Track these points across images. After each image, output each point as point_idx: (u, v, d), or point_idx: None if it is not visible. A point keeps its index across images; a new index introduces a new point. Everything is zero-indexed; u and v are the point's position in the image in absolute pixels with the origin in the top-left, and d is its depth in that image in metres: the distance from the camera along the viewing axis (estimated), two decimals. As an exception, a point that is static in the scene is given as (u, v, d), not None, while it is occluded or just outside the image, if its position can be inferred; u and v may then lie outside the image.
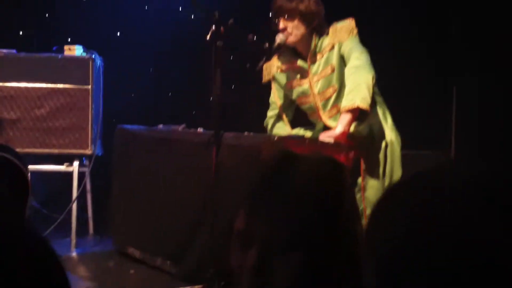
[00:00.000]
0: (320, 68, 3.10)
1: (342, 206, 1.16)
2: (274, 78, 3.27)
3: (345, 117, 2.86)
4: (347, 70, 2.97)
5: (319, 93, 3.12)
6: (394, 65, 4.18)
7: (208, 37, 2.70)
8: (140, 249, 3.52)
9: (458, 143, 4.36)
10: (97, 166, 4.09)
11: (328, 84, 3.08)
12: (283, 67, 3.23)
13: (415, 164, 4.40)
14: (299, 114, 3.36)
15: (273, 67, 3.25)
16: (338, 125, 2.85)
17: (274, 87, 3.29)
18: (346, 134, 2.84)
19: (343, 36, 3.02)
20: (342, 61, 3.04)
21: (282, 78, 3.25)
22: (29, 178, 2.10)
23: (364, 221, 0.89)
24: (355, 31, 3.04)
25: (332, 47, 3.06)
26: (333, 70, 3.06)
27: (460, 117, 4.33)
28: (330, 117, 3.10)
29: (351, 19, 3.10)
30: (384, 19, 4.27)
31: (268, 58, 3.20)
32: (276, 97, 3.30)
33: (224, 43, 2.73)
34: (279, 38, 3.06)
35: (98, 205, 4.22)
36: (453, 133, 4.38)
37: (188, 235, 3.10)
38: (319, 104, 3.12)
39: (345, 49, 3.02)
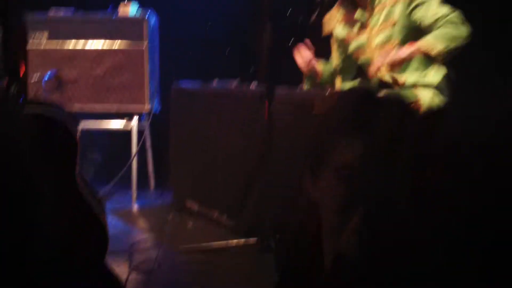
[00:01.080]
0: (380, 21, 2.93)
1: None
2: (333, 33, 3.14)
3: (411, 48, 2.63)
4: (430, 18, 2.67)
5: (377, 46, 2.97)
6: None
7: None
8: (198, 203, 3.59)
9: None
10: (157, 123, 4.17)
11: (388, 39, 2.90)
12: (342, 19, 3.09)
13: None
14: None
15: (333, 20, 3.13)
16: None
17: (333, 43, 3.15)
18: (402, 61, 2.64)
19: None
20: (409, 17, 2.79)
21: (341, 32, 3.12)
22: (78, 136, 2.14)
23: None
24: None
25: (397, 1, 2.86)
26: (394, 24, 2.88)
27: None
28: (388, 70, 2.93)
29: None
30: None
31: (323, 11, 3.10)
32: (334, 54, 3.16)
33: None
34: None
35: (159, 161, 4.32)
36: None
37: (243, 188, 3.13)
38: (375, 58, 2.97)
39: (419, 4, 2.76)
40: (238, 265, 2.83)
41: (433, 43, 2.56)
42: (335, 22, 3.09)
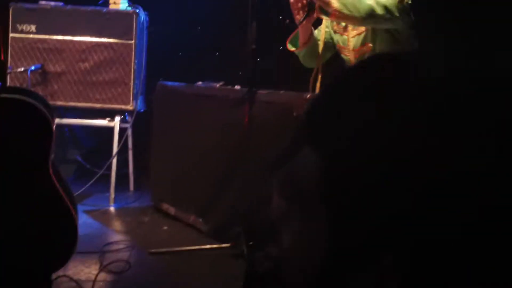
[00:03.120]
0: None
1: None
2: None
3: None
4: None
5: (354, 49, 3.00)
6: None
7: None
8: (175, 206, 3.51)
9: None
10: (139, 122, 4.09)
11: (363, 42, 2.94)
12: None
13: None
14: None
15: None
16: None
17: (324, 22, 3.11)
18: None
19: None
20: None
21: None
22: (54, 124, 2.09)
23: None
24: None
25: None
26: (366, 29, 2.91)
27: None
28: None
29: None
30: None
31: (310, 12, 3.07)
32: (322, 31, 3.12)
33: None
34: None
35: (140, 162, 4.23)
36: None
37: (219, 192, 3.06)
38: (353, 60, 3.01)
39: None
40: (209, 269, 2.76)
41: (334, 2, 2.67)
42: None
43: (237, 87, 3.20)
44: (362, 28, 2.91)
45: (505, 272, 0.53)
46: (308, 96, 2.53)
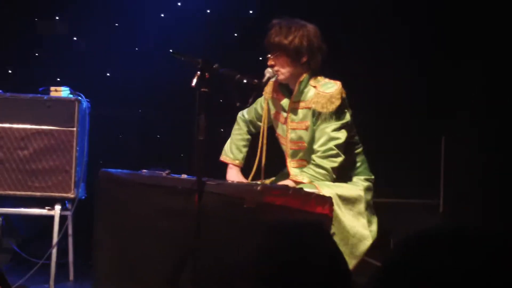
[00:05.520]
0: (298, 119, 3.08)
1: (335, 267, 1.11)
2: (267, 100, 3.25)
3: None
4: (315, 147, 3.00)
5: (291, 141, 3.12)
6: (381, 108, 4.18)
7: (193, 83, 2.68)
8: (120, 297, 3.41)
9: (446, 192, 4.34)
10: (80, 209, 4.01)
11: (300, 138, 3.07)
12: (273, 94, 3.22)
13: (405, 213, 4.37)
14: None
15: (267, 88, 3.23)
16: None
17: (266, 106, 3.25)
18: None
19: (321, 106, 2.97)
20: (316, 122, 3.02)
21: (271, 104, 3.23)
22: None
23: None
24: (336, 103, 2.96)
25: (314, 108, 3.01)
26: (306, 128, 3.04)
27: (448, 167, 4.32)
28: (296, 167, 3.10)
29: (337, 83, 3.03)
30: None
31: (258, 94, 3.20)
32: (265, 114, 3.25)
33: (209, 89, 2.70)
34: (268, 72, 3.05)
35: (80, 250, 4.13)
36: (441, 183, 4.35)
37: (169, 283, 3.01)
38: (289, 151, 3.12)
39: (319, 121, 3.00)
40: None
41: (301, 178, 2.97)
42: (268, 93, 3.21)
43: (184, 175, 3.21)
44: (302, 126, 3.04)
45: None
46: (259, 188, 2.57)
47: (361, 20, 4.43)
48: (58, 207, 3.88)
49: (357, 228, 2.86)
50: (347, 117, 3.01)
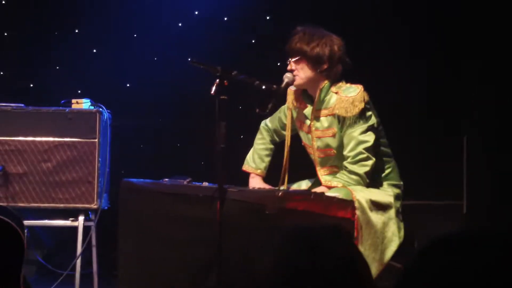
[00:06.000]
0: (324, 127, 3.05)
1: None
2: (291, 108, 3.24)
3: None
4: (345, 153, 2.98)
5: (318, 149, 3.08)
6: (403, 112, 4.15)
7: (212, 91, 2.69)
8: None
9: (469, 193, 4.30)
10: (103, 219, 4.04)
11: (327, 145, 3.04)
12: (295, 103, 3.20)
13: (429, 214, 4.33)
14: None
15: (289, 97, 3.22)
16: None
17: (290, 114, 3.23)
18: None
19: (345, 110, 2.95)
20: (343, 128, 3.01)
21: (294, 112, 3.21)
22: (25, 237, 2.06)
23: None
24: (359, 106, 2.95)
25: (339, 113, 3.00)
26: (333, 135, 3.02)
27: (472, 168, 4.27)
28: (327, 174, 3.07)
29: (358, 87, 3.02)
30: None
31: (277, 100, 3.18)
32: (289, 123, 3.23)
33: (228, 96, 2.72)
34: (287, 77, 3.05)
35: (104, 260, 4.16)
36: (464, 184, 4.31)
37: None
38: (317, 159, 3.09)
39: (345, 126, 2.99)
40: None
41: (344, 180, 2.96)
42: (290, 102, 3.19)
43: (205, 183, 3.22)
44: (328, 133, 3.02)
45: None
46: (280, 193, 2.57)
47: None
48: (81, 218, 3.92)
49: (387, 233, 2.85)
50: (373, 119, 2.99)
